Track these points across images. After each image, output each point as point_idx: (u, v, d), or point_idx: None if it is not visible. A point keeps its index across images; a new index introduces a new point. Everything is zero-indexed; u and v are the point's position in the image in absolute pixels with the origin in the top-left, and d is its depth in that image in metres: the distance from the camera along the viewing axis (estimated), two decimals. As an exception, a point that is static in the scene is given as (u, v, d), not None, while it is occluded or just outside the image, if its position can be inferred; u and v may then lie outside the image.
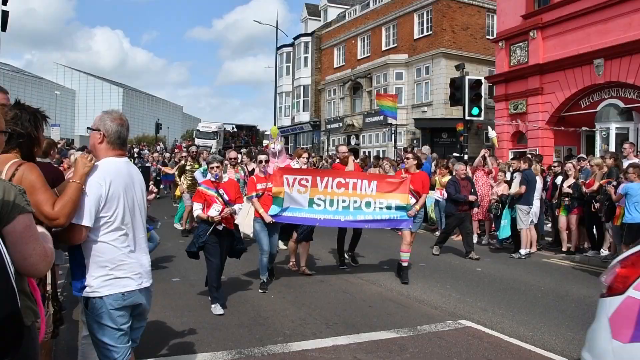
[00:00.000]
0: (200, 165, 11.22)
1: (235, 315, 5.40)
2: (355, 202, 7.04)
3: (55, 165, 5.69)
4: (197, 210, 5.61)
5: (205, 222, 5.51)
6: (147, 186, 5.73)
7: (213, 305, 5.48)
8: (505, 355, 4.48)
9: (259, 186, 6.60)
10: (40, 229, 1.97)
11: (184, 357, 4.26)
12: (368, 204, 7.05)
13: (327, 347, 4.54)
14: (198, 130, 38.47)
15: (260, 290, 6.35)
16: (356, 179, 7.13)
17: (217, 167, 5.66)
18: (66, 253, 2.77)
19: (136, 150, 28.58)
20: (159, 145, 36.01)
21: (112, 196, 2.54)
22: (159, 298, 5.72)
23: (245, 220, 6.57)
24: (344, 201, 7.02)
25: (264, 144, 41.29)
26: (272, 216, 6.56)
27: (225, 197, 5.59)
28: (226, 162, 10.16)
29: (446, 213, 9.81)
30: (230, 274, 7.44)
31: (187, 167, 11.15)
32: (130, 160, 3.01)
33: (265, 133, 47.39)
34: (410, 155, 7.54)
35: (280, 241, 7.81)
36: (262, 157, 6.77)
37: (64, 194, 2.36)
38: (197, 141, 35.38)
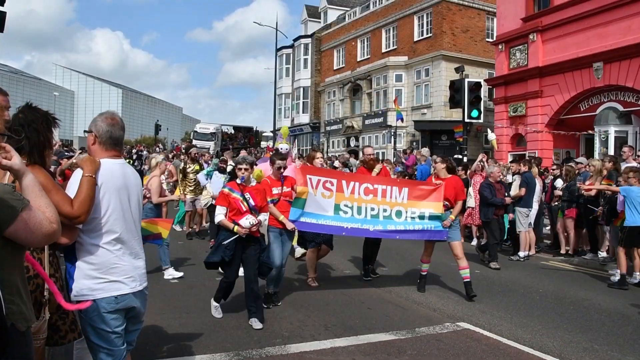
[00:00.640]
0: (201, 167, 11.09)
1: (233, 317, 5.39)
2: (384, 210, 6.44)
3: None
4: (220, 215, 5.10)
5: (228, 229, 5.03)
6: None
7: (214, 307, 5.37)
8: (504, 358, 4.47)
9: (274, 191, 5.87)
10: (42, 202, 1.96)
11: (181, 359, 4.25)
12: (399, 213, 6.48)
13: (325, 349, 4.54)
14: (195, 132, 38.23)
15: (264, 306, 5.51)
16: (385, 185, 6.52)
17: (246, 169, 5.22)
18: (62, 254, 2.75)
19: (134, 151, 28.48)
20: (158, 146, 35.95)
21: (103, 198, 2.50)
22: (157, 299, 5.72)
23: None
24: (372, 209, 6.41)
25: (263, 145, 41.37)
26: (292, 221, 5.90)
27: (251, 202, 5.12)
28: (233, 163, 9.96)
29: (484, 220, 9.20)
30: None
31: (188, 170, 10.78)
32: (129, 162, 3.00)
33: (264, 134, 47.37)
34: (438, 159, 6.88)
35: (297, 247, 7.29)
36: (281, 163, 5.89)
37: (80, 191, 2.37)
38: (194, 142, 35.33)
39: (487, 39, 25.09)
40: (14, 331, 1.83)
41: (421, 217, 6.50)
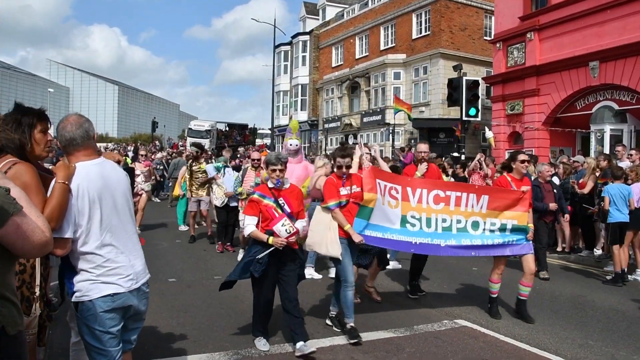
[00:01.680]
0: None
1: (232, 316, 5.41)
2: (458, 221, 5.46)
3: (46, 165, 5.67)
4: (250, 225, 4.34)
5: (261, 242, 4.31)
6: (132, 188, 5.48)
7: (257, 339, 4.55)
8: (501, 354, 4.52)
9: (343, 191, 4.86)
10: (33, 212, 1.94)
11: (180, 358, 4.27)
12: (476, 225, 5.49)
13: (324, 347, 4.57)
14: (190, 129, 37.61)
15: (351, 341, 4.64)
16: (460, 192, 5.51)
17: (281, 170, 4.40)
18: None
19: (130, 149, 28.32)
20: (156, 143, 35.82)
21: (84, 203, 2.45)
22: (155, 299, 5.73)
23: (328, 238, 4.75)
24: (444, 221, 5.43)
25: (258, 142, 41.09)
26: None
27: (287, 208, 4.37)
28: (246, 164, 9.16)
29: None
30: (226, 273, 7.46)
31: (194, 169, 10.17)
32: (126, 159, 2.96)
33: (260, 132, 47.11)
34: (523, 157, 5.72)
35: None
36: (343, 162, 4.87)
37: (51, 197, 2.31)
38: (189, 140, 34.99)
39: (485, 37, 25.12)
40: (4, 333, 1.85)
41: (502, 230, 5.50)
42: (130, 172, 8.26)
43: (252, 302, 5.89)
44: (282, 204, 4.38)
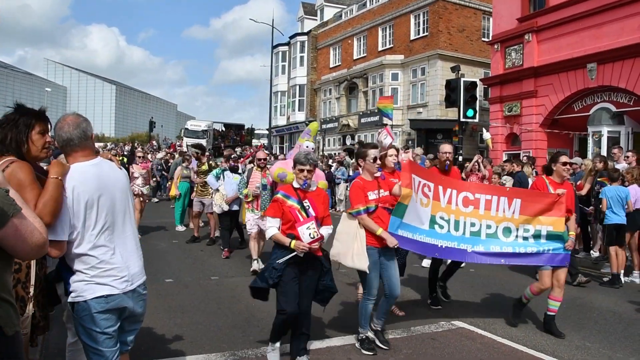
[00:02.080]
0: (210, 167, 10.20)
1: (229, 317, 5.40)
2: (488, 227, 5.07)
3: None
4: (272, 228, 4.03)
5: (282, 246, 3.98)
6: None
7: (271, 348, 4.17)
8: (498, 356, 4.52)
9: (370, 195, 4.45)
10: (29, 214, 1.94)
11: (177, 359, 4.26)
12: (507, 231, 5.09)
13: (321, 348, 4.56)
14: (186, 129, 37.28)
15: (367, 353, 4.44)
16: (490, 195, 5.13)
17: (310, 170, 4.05)
18: None
19: (127, 149, 28.22)
20: (153, 144, 35.74)
21: (80, 205, 2.44)
22: (152, 299, 5.69)
23: (354, 249, 4.33)
24: (472, 225, 5.06)
25: (255, 143, 40.91)
26: (390, 233, 4.47)
27: (312, 212, 4.03)
28: (251, 164, 9.10)
29: None
30: (223, 274, 7.46)
31: (197, 168, 10.23)
32: (123, 160, 2.93)
33: (257, 132, 46.92)
34: (565, 159, 5.28)
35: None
36: (373, 152, 4.48)
37: (44, 192, 2.31)
38: (185, 140, 34.82)
39: (483, 39, 25.17)
40: (2, 333, 1.85)
41: (536, 237, 5.06)
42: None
43: (248, 304, 5.90)
44: (307, 207, 4.03)
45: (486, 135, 15.84)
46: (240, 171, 9.94)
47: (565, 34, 15.98)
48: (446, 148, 5.95)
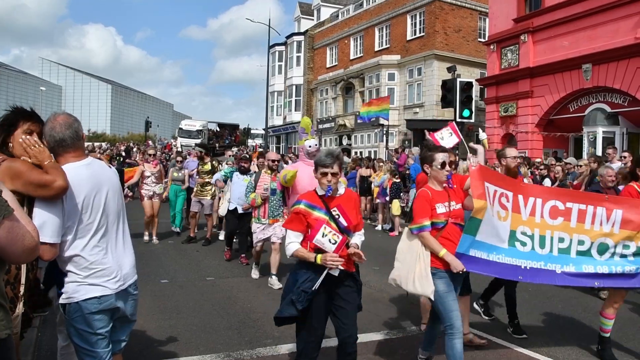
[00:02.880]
0: (213, 167, 10.08)
1: (224, 318, 5.39)
2: (580, 242, 4.23)
3: None
4: (294, 244, 3.30)
5: (308, 264, 3.25)
6: (122, 189, 5.34)
7: None
8: (493, 356, 4.52)
9: (439, 209, 3.71)
10: (22, 216, 1.93)
11: None
12: (603, 248, 4.25)
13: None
14: (181, 129, 36.99)
15: None
16: (584, 204, 4.26)
17: (334, 174, 3.32)
18: None
19: (122, 149, 28.07)
20: (149, 143, 35.63)
21: (70, 206, 2.42)
22: (147, 300, 5.70)
23: (416, 272, 3.66)
24: (561, 240, 4.22)
25: (250, 143, 40.56)
26: (459, 255, 3.75)
27: (342, 221, 3.33)
28: (257, 164, 8.33)
29: None
30: (219, 274, 7.44)
31: (199, 168, 10.04)
32: (119, 159, 2.92)
33: (252, 132, 46.78)
34: None
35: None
36: (442, 157, 3.77)
37: (47, 167, 2.35)
38: (179, 140, 34.61)
39: (479, 39, 25.23)
40: None
41: (637, 254, 4.26)
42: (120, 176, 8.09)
43: (244, 305, 5.90)
44: (337, 216, 3.33)
45: (482, 135, 15.79)
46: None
47: (561, 34, 16.04)
48: (514, 152, 5.16)
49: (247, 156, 9.50)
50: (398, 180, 12.80)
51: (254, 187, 6.90)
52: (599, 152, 13.81)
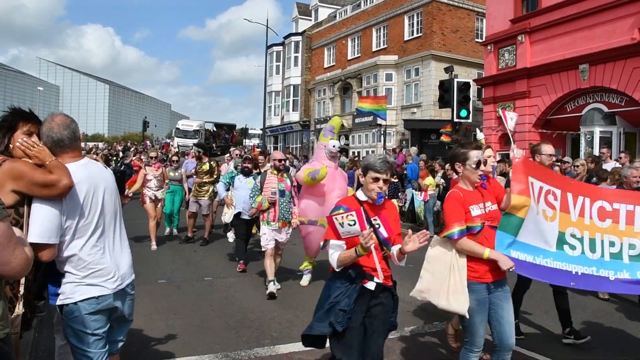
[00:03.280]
0: (211, 168, 9.86)
1: (222, 318, 5.38)
2: (632, 246, 3.76)
3: None
4: (336, 253, 2.99)
5: (346, 276, 3.02)
6: (122, 190, 5.24)
7: None
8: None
9: (474, 211, 3.33)
10: (17, 232, 1.94)
11: None
12: None
13: (314, 349, 4.53)
14: (178, 129, 36.68)
15: None
16: (633, 205, 3.82)
17: (386, 180, 3.06)
18: None
19: (120, 148, 27.93)
20: (147, 143, 35.55)
21: (69, 206, 2.42)
22: (145, 300, 5.69)
23: (450, 285, 3.28)
24: (612, 244, 3.77)
25: (247, 143, 40.25)
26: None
27: (383, 232, 3.09)
28: (269, 165, 7.58)
29: None
30: (216, 274, 7.43)
31: (197, 168, 9.94)
32: (116, 160, 2.93)
33: (250, 131, 46.55)
34: None
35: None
36: (476, 155, 3.40)
37: (50, 166, 2.36)
38: (176, 140, 34.40)
39: (477, 40, 25.25)
40: None
41: None
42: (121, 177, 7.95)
43: (242, 305, 5.89)
44: (378, 226, 3.06)
45: (479, 135, 15.82)
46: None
47: (558, 35, 16.07)
48: (550, 149, 4.78)
49: (250, 156, 9.13)
50: (395, 180, 12.80)
51: (259, 189, 6.41)
52: (596, 152, 13.85)
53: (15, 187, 2.30)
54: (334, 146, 5.83)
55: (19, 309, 2.73)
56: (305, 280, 6.99)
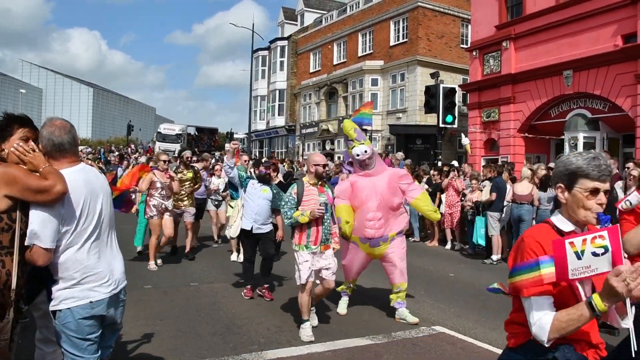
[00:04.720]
0: (195, 174, 8.87)
1: (209, 323, 5.32)
2: None
3: None
4: (549, 311, 1.92)
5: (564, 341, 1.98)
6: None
7: None
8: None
9: None
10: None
11: (156, 366, 4.18)
12: None
13: (302, 354, 4.52)
14: (159, 133, 35.81)
15: None
16: None
17: (607, 191, 1.94)
18: None
19: (117, 154, 27.52)
20: (130, 148, 35.13)
21: (66, 211, 2.43)
22: (131, 306, 5.57)
23: None
24: None
25: (227, 148, 39.44)
26: None
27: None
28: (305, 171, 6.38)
29: None
30: (203, 280, 7.35)
31: (181, 177, 8.67)
32: (104, 163, 2.91)
33: (235, 136, 46.24)
34: None
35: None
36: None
37: (45, 172, 2.35)
38: (158, 145, 33.85)
39: (462, 45, 25.52)
40: None
41: None
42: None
43: (229, 311, 5.83)
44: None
45: (465, 140, 16.04)
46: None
47: (542, 41, 16.31)
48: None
49: (271, 162, 7.72)
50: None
51: (296, 203, 4.95)
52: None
53: (9, 192, 2.29)
54: (357, 154, 5.10)
55: (10, 315, 2.69)
56: (342, 306, 5.84)
